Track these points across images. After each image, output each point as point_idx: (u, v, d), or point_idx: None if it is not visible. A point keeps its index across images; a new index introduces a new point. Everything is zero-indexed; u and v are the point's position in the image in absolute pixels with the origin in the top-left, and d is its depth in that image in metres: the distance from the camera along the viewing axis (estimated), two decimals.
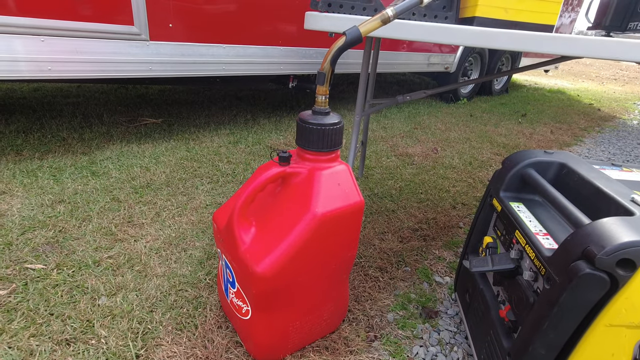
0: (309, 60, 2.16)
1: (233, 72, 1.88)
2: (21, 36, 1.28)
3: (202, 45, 1.73)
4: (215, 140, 1.98)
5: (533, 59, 4.05)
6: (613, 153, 2.53)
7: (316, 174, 0.64)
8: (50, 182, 1.38)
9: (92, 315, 0.84)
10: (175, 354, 0.77)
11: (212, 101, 2.75)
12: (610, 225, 0.48)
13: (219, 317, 0.86)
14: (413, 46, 2.81)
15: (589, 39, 0.66)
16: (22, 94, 2.42)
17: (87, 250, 1.04)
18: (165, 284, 0.95)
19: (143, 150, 1.76)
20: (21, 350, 0.74)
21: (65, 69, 1.40)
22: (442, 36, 0.77)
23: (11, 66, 1.29)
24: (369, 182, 1.67)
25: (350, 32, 0.61)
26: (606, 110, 3.94)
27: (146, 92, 2.82)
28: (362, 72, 1.20)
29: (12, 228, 1.10)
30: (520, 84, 5.20)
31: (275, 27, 1.94)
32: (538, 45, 0.68)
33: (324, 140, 0.63)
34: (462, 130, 2.64)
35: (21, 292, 0.88)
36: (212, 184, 1.51)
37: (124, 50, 1.51)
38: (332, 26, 0.83)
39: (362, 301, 0.96)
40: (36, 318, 0.82)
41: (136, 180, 1.46)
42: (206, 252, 1.08)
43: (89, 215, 1.20)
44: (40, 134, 1.80)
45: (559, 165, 0.71)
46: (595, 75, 7.45)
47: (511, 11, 0.85)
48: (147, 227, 1.18)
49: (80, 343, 0.77)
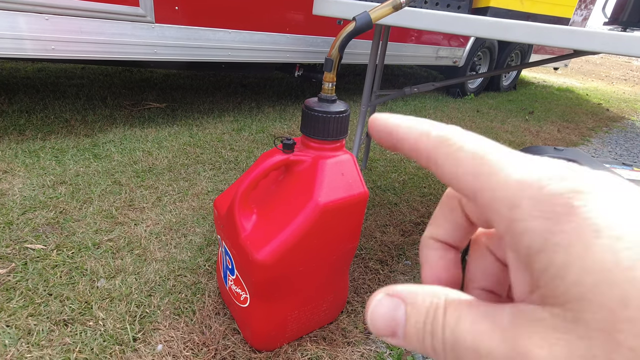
0: (316, 49, 2.13)
1: (238, 59, 1.85)
2: (25, 14, 1.26)
3: (208, 29, 1.70)
4: (219, 127, 1.97)
5: (543, 55, 3.99)
6: (620, 154, 2.50)
7: (320, 162, 0.62)
8: (52, 163, 1.38)
9: (90, 297, 0.84)
10: (173, 338, 0.77)
11: (216, 87, 2.73)
12: None
13: (217, 304, 0.86)
14: (422, 38, 2.76)
15: (608, 33, 0.64)
16: (25, 74, 2.40)
17: (87, 232, 1.04)
18: (165, 269, 0.94)
19: (146, 134, 1.75)
20: (19, 329, 0.74)
21: (69, 49, 1.38)
22: (454, 26, 0.74)
23: (16, 44, 1.28)
24: (372, 174, 1.66)
25: (360, 18, 0.59)
26: (615, 111, 3.89)
27: (151, 76, 2.80)
28: (369, 62, 1.18)
29: (13, 207, 1.10)
30: (529, 81, 5.14)
31: (282, 14, 1.91)
32: (555, 38, 0.66)
33: (329, 128, 0.62)
34: (468, 125, 2.61)
35: (20, 271, 0.88)
36: (214, 170, 1.50)
37: (129, 32, 1.49)
38: (342, 12, 0.81)
39: (362, 293, 0.96)
40: (35, 298, 0.82)
41: (138, 164, 1.46)
42: (206, 238, 1.08)
43: (90, 198, 1.20)
44: (43, 114, 1.79)
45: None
46: (605, 75, 7.35)
47: (527, 2, 0.82)
48: (147, 211, 1.17)
49: (78, 324, 0.77)
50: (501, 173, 0.11)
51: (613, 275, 0.09)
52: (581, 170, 0.10)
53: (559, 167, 0.11)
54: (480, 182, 0.11)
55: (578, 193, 0.10)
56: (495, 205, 0.11)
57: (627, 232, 0.09)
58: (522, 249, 0.10)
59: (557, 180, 0.10)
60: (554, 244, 0.10)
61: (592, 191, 0.10)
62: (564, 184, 0.10)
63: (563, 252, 0.09)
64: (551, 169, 0.11)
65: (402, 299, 0.12)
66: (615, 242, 0.09)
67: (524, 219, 0.10)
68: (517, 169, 0.11)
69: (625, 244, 0.09)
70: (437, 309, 0.11)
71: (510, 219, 0.11)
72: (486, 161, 0.12)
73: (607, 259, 0.09)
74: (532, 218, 0.10)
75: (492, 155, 0.12)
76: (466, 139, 0.13)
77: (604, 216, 0.09)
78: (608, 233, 0.09)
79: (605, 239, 0.09)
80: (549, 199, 0.10)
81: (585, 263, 0.09)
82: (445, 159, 0.13)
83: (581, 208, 0.09)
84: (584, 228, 0.09)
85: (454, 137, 0.13)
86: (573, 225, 0.09)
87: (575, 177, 0.10)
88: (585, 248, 0.09)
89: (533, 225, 0.10)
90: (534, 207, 0.10)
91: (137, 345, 0.75)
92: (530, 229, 0.10)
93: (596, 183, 0.10)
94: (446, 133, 0.13)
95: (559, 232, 0.10)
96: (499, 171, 0.11)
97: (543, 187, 0.10)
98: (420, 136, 0.14)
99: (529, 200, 0.10)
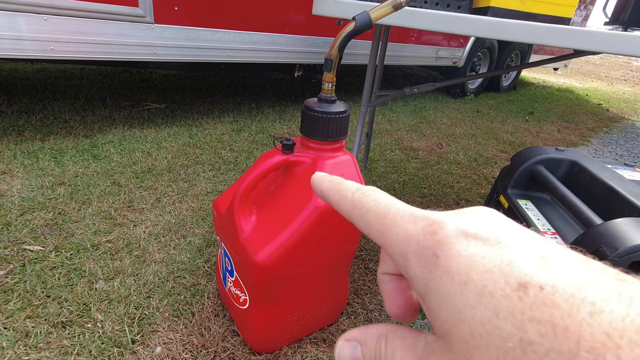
0: (316, 50, 2.12)
1: (238, 59, 1.85)
2: (24, 14, 1.26)
3: (208, 30, 1.70)
4: (219, 128, 1.96)
5: (543, 55, 3.99)
6: (620, 154, 2.50)
7: (319, 163, 0.62)
8: (51, 164, 1.37)
9: (89, 299, 0.83)
10: (172, 340, 0.76)
11: (216, 88, 2.72)
12: (624, 226, 0.47)
13: (216, 306, 0.85)
14: (422, 39, 2.76)
15: (609, 33, 0.64)
16: (25, 75, 2.40)
17: (86, 233, 1.04)
18: (164, 270, 0.94)
19: (145, 135, 1.74)
20: (17, 331, 0.74)
21: (68, 50, 1.37)
22: (454, 26, 0.74)
23: (14, 44, 1.27)
24: (372, 175, 1.65)
25: (360, 18, 0.59)
26: (615, 111, 3.88)
27: (150, 76, 2.79)
28: (369, 63, 1.17)
29: (12, 209, 1.09)
30: (529, 82, 5.13)
31: (282, 15, 1.91)
32: (555, 38, 0.65)
33: (329, 129, 0.61)
34: (468, 126, 2.60)
35: (18, 273, 0.88)
36: (213, 171, 1.49)
37: (128, 32, 1.49)
38: (341, 12, 0.80)
39: (362, 294, 0.95)
40: (33, 299, 0.81)
41: (137, 165, 1.45)
42: (205, 239, 1.07)
43: (88, 199, 1.19)
44: (42, 115, 1.78)
45: (570, 163, 0.69)
46: (605, 75, 7.35)
47: (527, 2, 0.82)
48: (147, 212, 1.17)
49: (76, 326, 0.77)
50: (395, 230, 0.14)
51: (464, 315, 0.11)
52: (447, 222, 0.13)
53: (433, 222, 0.13)
54: (384, 240, 0.15)
55: (440, 245, 0.13)
56: (395, 257, 0.14)
57: (471, 277, 0.11)
58: (415, 291, 0.14)
59: (430, 235, 0.13)
60: (430, 289, 0.12)
61: (448, 242, 0.12)
62: (433, 238, 0.13)
63: (435, 297, 0.12)
64: (427, 224, 0.13)
65: (358, 341, 0.15)
66: (464, 286, 0.11)
67: (412, 267, 0.13)
68: (407, 226, 0.14)
69: (470, 287, 0.11)
70: (380, 346, 0.15)
71: (405, 267, 0.14)
72: (386, 221, 0.15)
73: (459, 302, 0.11)
74: (416, 267, 0.13)
75: (389, 215, 0.15)
76: (372, 202, 0.15)
77: (456, 263, 0.12)
78: (458, 279, 0.12)
79: (456, 285, 0.12)
80: (424, 252, 0.13)
81: (448, 305, 0.12)
82: (359, 220, 0.16)
83: (441, 259, 0.12)
84: (444, 275, 0.12)
85: (363, 200, 0.16)
86: (439, 273, 0.12)
87: (440, 230, 0.13)
88: (447, 293, 0.12)
89: (417, 273, 0.13)
90: (416, 259, 0.13)
91: (135, 348, 0.74)
92: (416, 276, 0.13)
93: (451, 234, 0.13)
94: (358, 197, 0.16)
95: (431, 280, 0.12)
96: (395, 228, 0.14)
97: (420, 241, 0.13)
98: (340, 200, 0.17)
99: (413, 253, 0.13)
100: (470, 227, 0.13)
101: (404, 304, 0.18)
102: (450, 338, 0.12)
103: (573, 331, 0.10)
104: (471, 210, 0.15)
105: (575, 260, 0.11)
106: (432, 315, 0.13)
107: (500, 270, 0.11)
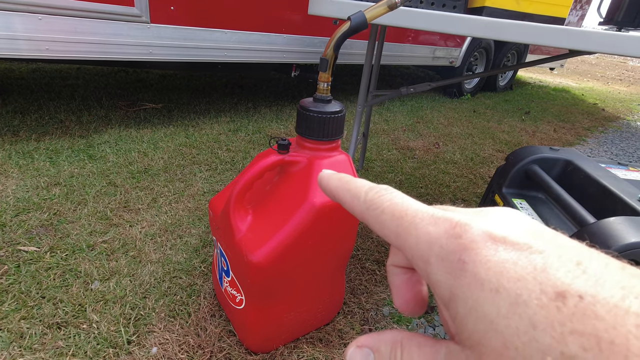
0: (313, 49, 2.12)
1: (235, 59, 1.84)
2: (18, 13, 1.25)
3: (204, 29, 1.69)
4: (215, 128, 1.96)
5: (539, 55, 4.00)
6: (616, 154, 2.51)
7: (315, 163, 0.62)
8: (46, 164, 1.37)
9: (84, 300, 0.83)
10: (168, 340, 0.76)
11: (213, 88, 2.72)
12: (617, 224, 0.47)
13: (212, 306, 0.85)
14: (418, 39, 2.76)
15: (603, 33, 0.64)
16: (20, 75, 2.38)
17: (82, 234, 1.03)
18: (160, 271, 0.94)
19: (142, 135, 1.74)
20: (11, 332, 0.74)
21: (63, 49, 1.37)
22: (449, 26, 0.74)
23: (8, 44, 1.27)
24: (368, 174, 1.65)
25: (355, 17, 0.59)
26: (610, 111, 3.91)
27: (146, 76, 2.78)
28: (365, 62, 1.18)
29: (6, 209, 1.09)
30: (525, 81, 5.16)
31: (278, 14, 1.91)
32: (550, 38, 0.66)
33: (324, 128, 0.61)
34: (464, 125, 2.61)
35: (13, 274, 0.87)
36: (210, 171, 1.49)
37: (124, 32, 1.48)
38: (337, 11, 0.80)
39: (358, 294, 0.95)
40: (27, 301, 0.81)
41: (133, 165, 1.45)
42: (202, 239, 1.07)
43: (84, 199, 1.19)
44: (37, 115, 1.77)
45: (565, 163, 0.70)
46: (601, 75, 7.39)
47: (522, 2, 0.82)
48: (143, 212, 1.16)
49: (71, 327, 0.76)
50: (415, 232, 0.13)
51: (496, 325, 0.11)
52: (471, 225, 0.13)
53: (457, 224, 0.13)
54: (401, 242, 0.14)
55: (466, 250, 0.12)
56: (415, 260, 0.13)
57: (502, 284, 0.11)
58: (438, 297, 0.13)
59: (454, 238, 0.12)
60: (456, 296, 0.12)
61: (474, 247, 0.12)
62: (458, 242, 0.12)
63: (462, 305, 0.12)
64: (450, 226, 0.13)
65: (370, 348, 0.15)
66: (495, 295, 0.11)
67: (435, 272, 0.13)
68: (427, 228, 0.13)
69: (502, 295, 0.11)
70: (396, 354, 0.14)
71: (426, 272, 0.13)
72: (403, 222, 0.14)
73: (490, 311, 0.11)
74: (440, 273, 0.12)
75: (407, 217, 0.14)
76: (388, 202, 0.15)
77: (485, 270, 0.11)
78: (489, 286, 0.11)
79: (487, 292, 0.11)
80: (448, 256, 0.12)
81: (478, 314, 0.11)
82: (374, 221, 0.15)
83: (468, 264, 0.12)
84: (472, 282, 0.11)
85: (378, 200, 0.15)
86: (466, 280, 0.12)
87: (465, 233, 0.12)
88: (475, 301, 0.11)
89: (441, 279, 0.12)
90: (440, 264, 0.12)
91: (131, 348, 0.74)
92: (440, 282, 0.12)
93: (478, 238, 0.12)
94: (372, 197, 0.15)
95: (458, 286, 0.12)
96: (414, 231, 0.13)
97: (443, 245, 0.12)
98: (352, 200, 0.16)
99: (436, 257, 0.13)
100: (498, 230, 0.12)
101: (413, 298, 0.17)
102: (481, 349, 0.11)
103: (619, 345, 0.09)
104: (495, 211, 0.14)
105: (612, 266, 0.11)
106: (458, 324, 0.12)
107: (534, 277, 0.11)
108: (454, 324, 0.12)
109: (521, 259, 0.11)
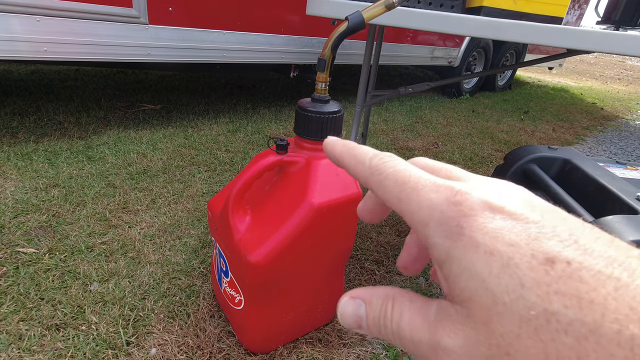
0: (311, 50, 2.12)
1: (233, 60, 1.84)
2: (16, 15, 1.25)
3: (203, 30, 1.69)
4: (214, 129, 1.96)
5: (538, 55, 4.01)
6: (614, 153, 2.52)
7: (314, 163, 0.62)
8: (45, 165, 1.37)
9: (83, 301, 0.83)
10: (167, 342, 0.76)
11: (212, 89, 2.72)
12: (615, 223, 0.47)
13: (211, 306, 0.85)
14: (417, 39, 2.76)
15: (600, 32, 0.64)
16: (18, 76, 2.38)
17: (81, 235, 1.03)
18: (159, 272, 0.94)
19: (140, 136, 1.74)
20: (10, 334, 0.73)
21: (61, 51, 1.37)
22: (447, 25, 0.74)
23: (6, 46, 1.26)
24: None
25: (353, 17, 0.59)
26: (609, 110, 3.91)
27: (145, 77, 2.78)
28: (364, 62, 1.18)
29: (5, 211, 1.08)
30: (524, 81, 5.16)
31: (277, 15, 1.91)
32: (548, 37, 0.66)
33: (323, 129, 0.61)
34: (463, 125, 2.61)
35: (12, 275, 0.87)
36: (209, 172, 1.49)
37: (122, 33, 1.48)
38: (335, 12, 0.80)
39: None
40: (26, 302, 0.81)
41: (132, 166, 1.44)
42: (201, 240, 1.07)
43: (83, 200, 1.19)
44: (36, 116, 1.77)
45: (563, 162, 0.70)
46: (599, 75, 7.40)
47: (520, 2, 0.82)
48: (142, 213, 1.16)
49: (70, 328, 0.76)
50: (417, 198, 0.14)
51: (487, 283, 0.11)
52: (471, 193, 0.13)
53: (457, 192, 0.13)
54: (402, 206, 0.15)
55: (465, 216, 0.13)
56: (414, 224, 0.14)
57: (497, 247, 0.12)
58: (434, 258, 0.14)
59: (454, 205, 0.13)
60: (451, 256, 0.13)
61: (473, 214, 0.13)
62: (458, 209, 0.13)
63: (457, 264, 0.12)
64: (451, 194, 0.13)
65: (362, 300, 0.15)
66: (489, 256, 0.12)
67: (433, 235, 0.13)
68: (429, 195, 0.14)
69: (495, 257, 0.12)
70: (387, 307, 0.15)
71: (424, 235, 0.14)
72: (406, 188, 0.15)
73: (482, 271, 0.12)
74: (438, 236, 0.13)
75: (410, 183, 0.15)
76: (391, 169, 0.15)
77: (481, 234, 0.12)
78: (483, 249, 0.12)
79: (481, 254, 0.12)
80: (447, 222, 0.13)
81: (471, 273, 0.12)
82: (377, 186, 0.16)
83: (466, 229, 0.12)
84: (468, 244, 0.12)
85: (382, 167, 0.16)
86: (462, 243, 0.12)
87: (465, 201, 0.13)
88: (470, 261, 0.12)
89: (438, 241, 0.13)
90: (439, 228, 0.13)
91: (130, 350, 0.74)
92: (437, 244, 0.13)
93: (476, 206, 0.13)
94: (376, 163, 0.16)
95: (454, 248, 0.13)
96: (416, 197, 0.14)
97: (444, 211, 0.13)
98: (357, 165, 0.17)
99: (435, 222, 0.13)
100: (496, 200, 0.13)
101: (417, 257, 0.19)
102: (471, 305, 0.12)
103: (598, 304, 0.10)
104: (496, 183, 0.14)
105: (602, 239, 0.12)
106: (450, 282, 0.13)
107: (527, 244, 0.11)
108: (446, 283, 0.13)
109: (516, 227, 0.12)
